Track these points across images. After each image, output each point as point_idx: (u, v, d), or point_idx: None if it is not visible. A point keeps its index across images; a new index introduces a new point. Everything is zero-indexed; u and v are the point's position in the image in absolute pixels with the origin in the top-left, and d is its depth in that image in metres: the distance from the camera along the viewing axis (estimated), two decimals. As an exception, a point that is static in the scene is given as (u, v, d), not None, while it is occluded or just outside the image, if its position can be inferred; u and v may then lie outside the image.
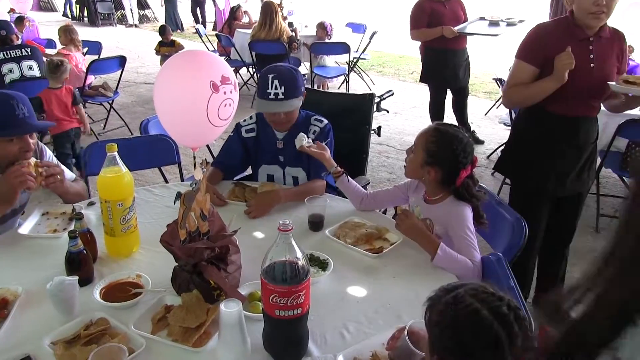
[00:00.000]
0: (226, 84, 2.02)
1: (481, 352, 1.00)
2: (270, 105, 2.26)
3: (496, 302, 1.02)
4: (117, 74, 5.83)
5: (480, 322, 0.99)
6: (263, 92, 2.26)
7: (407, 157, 2.01)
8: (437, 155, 1.89)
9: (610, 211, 4.06)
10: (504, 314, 1.01)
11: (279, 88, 2.23)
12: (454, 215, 1.91)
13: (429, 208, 2.01)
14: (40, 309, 1.54)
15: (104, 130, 5.92)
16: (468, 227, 1.87)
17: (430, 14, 4.81)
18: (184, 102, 2.02)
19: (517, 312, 1.02)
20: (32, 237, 1.94)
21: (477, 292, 1.04)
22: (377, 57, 9.80)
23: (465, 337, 1.00)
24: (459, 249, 1.83)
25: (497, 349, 0.98)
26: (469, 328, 1.00)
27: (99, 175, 1.76)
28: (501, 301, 1.03)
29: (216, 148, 2.82)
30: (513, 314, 1.01)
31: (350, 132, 2.82)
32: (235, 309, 1.28)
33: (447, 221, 1.93)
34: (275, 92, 2.23)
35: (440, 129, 1.93)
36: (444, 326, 1.04)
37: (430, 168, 1.91)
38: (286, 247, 1.27)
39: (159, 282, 1.64)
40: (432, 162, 1.90)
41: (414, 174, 2.01)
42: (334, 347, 1.40)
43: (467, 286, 1.07)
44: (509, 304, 1.03)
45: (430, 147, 1.90)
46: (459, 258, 1.78)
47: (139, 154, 2.72)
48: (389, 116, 6.28)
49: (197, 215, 1.53)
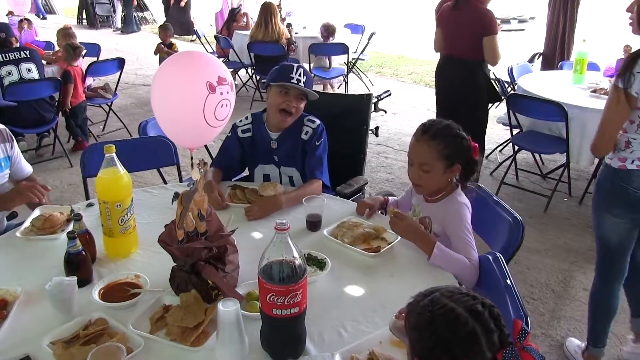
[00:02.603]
0: (223, 84, 2.03)
1: (460, 348, 1.02)
2: (292, 86, 2.32)
3: (470, 301, 1.06)
4: (116, 76, 5.83)
5: (456, 320, 1.03)
6: (285, 76, 2.32)
7: (415, 177, 1.97)
8: (454, 154, 1.91)
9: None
10: (479, 311, 1.04)
11: (302, 76, 2.33)
12: (453, 214, 1.92)
13: (429, 207, 2.02)
14: (39, 310, 1.55)
15: (102, 132, 5.93)
16: (466, 226, 1.89)
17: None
18: (181, 102, 2.03)
19: (491, 309, 1.06)
20: (30, 239, 1.94)
21: (453, 294, 1.08)
22: (375, 57, 9.82)
23: (443, 335, 1.03)
24: (456, 248, 1.84)
25: (475, 343, 1.02)
26: (446, 326, 1.04)
27: (97, 176, 1.77)
28: (475, 300, 1.07)
29: (214, 149, 2.83)
30: (487, 311, 1.05)
31: (348, 132, 2.83)
32: (233, 308, 1.28)
33: (445, 220, 1.94)
34: (298, 77, 2.32)
35: (443, 130, 1.92)
36: (422, 327, 1.07)
37: (453, 168, 1.93)
38: (283, 247, 1.28)
39: (158, 282, 1.65)
40: (451, 163, 1.92)
41: (439, 186, 1.98)
42: (332, 346, 1.41)
43: (442, 289, 1.11)
44: (483, 302, 1.07)
45: (445, 153, 1.90)
46: (455, 256, 1.79)
47: (138, 156, 2.73)
48: (387, 117, 6.30)
49: (194, 215, 1.54)
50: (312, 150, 2.41)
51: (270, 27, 6.44)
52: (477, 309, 1.05)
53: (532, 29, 3.70)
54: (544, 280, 3.23)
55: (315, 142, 2.41)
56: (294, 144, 2.44)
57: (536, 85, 4.36)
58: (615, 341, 2.71)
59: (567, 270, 3.27)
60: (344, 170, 2.72)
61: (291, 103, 2.34)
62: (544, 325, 2.84)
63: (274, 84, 2.35)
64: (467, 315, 1.03)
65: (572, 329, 2.81)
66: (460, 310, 1.04)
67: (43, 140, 5.30)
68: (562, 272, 3.29)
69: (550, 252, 3.49)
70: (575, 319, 2.88)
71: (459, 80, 4.12)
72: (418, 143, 1.95)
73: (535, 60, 6.03)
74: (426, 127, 1.96)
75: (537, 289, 3.15)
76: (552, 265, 3.38)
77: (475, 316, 1.04)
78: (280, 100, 2.34)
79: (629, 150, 2.17)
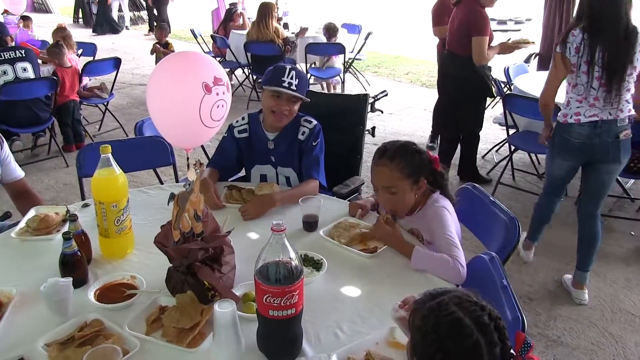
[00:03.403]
0: (219, 85, 2.03)
1: (461, 359, 1.02)
2: (283, 91, 2.30)
3: (478, 312, 1.05)
4: (112, 76, 5.82)
5: (462, 331, 1.03)
6: (277, 79, 2.29)
7: (386, 203, 2.00)
8: (417, 170, 1.94)
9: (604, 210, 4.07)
10: (486, 323, 1.04)
11: (294, 79, 2.30)
12: (432, 219, 1.94)
13: (411, 219, 2.04)
14: (34, 311, 1.54)
15: (99, 132, 5.91)
16: (446, 226, 1.89)
17: (450, 12, 4.83)
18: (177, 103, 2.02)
19: (497, 322, 1.06)
20: (26, 239, 1.93)
21: (461, 301, 1.07)
22: (372, 57, 9.81)
23: (447, 344, 1.03)
24: (440, 249, 1.84)
25: (477, 356, 1.01)
26: (451, 335, 1.03)
27: (93, 176, 1.76)
28: (483, 311, 1.06)
29: (211, 149, 2.82)
30: (494, 323, 1.05)
31: (345, 132, 2.83)
32: (229, 309, 1.28)
33: (428, 226, 1.96)
34: (290, 81, 2.29)
35: (399, 150, 1.95)
36: (425, 332, 1.06)
37: (419, 184, 1.96)
38: (279, 248, 1.28)
39: (154, 283, 1.64)
40: (416, 179, 1.94)
41: (412, 202, 2.00)
42: (328, 347, 1.41)
43: (451, 293, 1.10)
44: (490, 314, 1.06)
45: (407, 171, 1.92)
46: (436, 256, 1.78)
47: (134, 156, 2.72)
48: (384, 116, 6.30)
49: (190, 216, 1.53)
50: (309, 151, 2.41)
51: (267, 27, 6.43)
52: (484, 321, 1.04)
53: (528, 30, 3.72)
54: (540, 280, 3.24)
55: (312, 142, 2.41)
56: (290, 144, 2.44)
57: (532, 85, 4.36)
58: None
59: (564, 270, 3.28)
60: (340, 170, 2.72)
61: (283, 106, 2.33)
62: (540, 325, 2.84)
63: (265, 87, 2.35)
64: (473, 327, 1.02)
65: (568, 328, 2.81)
66: (467, 321, 1.03)
67: (39, 139, 5.28)
68: (558, 272, 3.29)
69: (547, 252, 3.50)
70: (572, 318, 2.89)
71: (452, 75, 4.46)
72: (378, 167, 1.97)
73: (531, 61, 6.03)
74: (383, 150, 1.98)
75: (534, 289, 3.16)
76: (549, 265, 3.39)
77: (481, 328, 1.03)
78: (272, 103, 2.34)
79: (569, 108, 2.83)
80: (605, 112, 2.73)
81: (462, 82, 4.32)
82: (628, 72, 2.67)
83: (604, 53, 2.64)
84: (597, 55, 2.64)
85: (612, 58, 2.64)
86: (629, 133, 2.79)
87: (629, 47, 2.65)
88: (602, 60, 2.64)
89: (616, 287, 3.18)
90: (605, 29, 2.64)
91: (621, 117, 2.74)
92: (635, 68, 2.69)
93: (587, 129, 2.76)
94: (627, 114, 2.76)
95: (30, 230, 1.97)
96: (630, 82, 2.71)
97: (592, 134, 2.77)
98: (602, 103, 2.71)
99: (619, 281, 3.23)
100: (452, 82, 4.49)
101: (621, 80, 2.66)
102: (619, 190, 4.13)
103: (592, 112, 2.74)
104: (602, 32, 2.64)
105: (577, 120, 2.77)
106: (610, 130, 2.75)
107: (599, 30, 2.64)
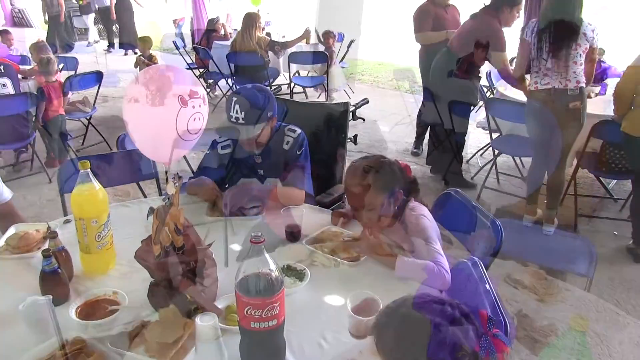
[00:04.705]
0: (195, 98, 2.03)
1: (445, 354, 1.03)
2: (231, 129, 2.25)
3: (439, 307, 1.08)
4: (95, 90, 5.78)
5: (437, 333, 1.04)
6: (228, 114, 2.25)
7: (367, 221, 1.97)
8: (390, 181, 1.93)
9: (588, 211, 4.12)
10: (450, 313, 1.07)
11: (239, 113, 2.21)
12: (411, 228, 1.95)
13: (391, 232, 2.02)
14: (14, 330, 1.51)
15: (82, 146, 5.86)
16: (426, 233, 1.90)
17: (434, 18, 4.87)
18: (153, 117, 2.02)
19: (460, 307, 1.09)
20: (5, 258, 1.91)
21: (421, 305, 1.09)
22: (355, 65, 9.86)
23: (432, 348, 1.03)
24: (420, 255, 1.84)
25: (458, 347, 1.03)
26: (431, 340, 1.04)
27: (72, 193, 1.75)
28: (443, 304, 1.09)
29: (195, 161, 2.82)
30: (457, 310, 1.08)
31: (327, 141, 2.84)
32: (210, 323, 1.27)
33: (409, 236, 1.96)
34: (236, 116, 2.21)
35: (371, 166, 1.94)
36: (405, 348, 1.07)
37: (396, 195, 1.95)
38: (259, 260, 1.27)
39: (136, 298, 1.62)
40: (391, 191, 1.93)
41: (389, 215, 1.98)
42: (312, 358, 1.41)
43: (407, 302, 1.12)
44: (451, 303, 1.09)
45: (380, 184, 1.91)
46: (419, 263, 1.78)
47: (117, 170, 2.71)
48: (368, 124, 6.31)
49: (171, 229, 1.52)
50: (294, 160, 2.40)
51: (250, 37, 6.45)
52: (448, 312, 1.07)
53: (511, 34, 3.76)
54: (526, 283, 3.26)
55: (297, 151, 2.40)
56: (277, 155, 2.42)
57: (514, 89, 4.41)
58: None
59: (549, 272, 3.30)
60: (323, 179, 2.72)
61: (243, 139, 2.29)
62: (527, 327, 2.85)
63: None
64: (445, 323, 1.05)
65: (554, 329, 2.83)
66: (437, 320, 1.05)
67: (21, 156, 5.23)
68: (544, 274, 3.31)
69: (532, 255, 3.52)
70: (558, 319, 2.91)
71: (445, 70, 4.54)
72: (351, 187, 1.96)
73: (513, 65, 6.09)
74: (352, 169, 1.97)
75: (520, 292, 3.17)
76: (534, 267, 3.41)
77: (451, 321, 1.05)
78: (236, 134, 2.30)
79: (531, 80, 3.62)
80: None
81: (453, 82, 4.35)
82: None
83: None
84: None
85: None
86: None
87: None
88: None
89: (600, 286, 3.21)
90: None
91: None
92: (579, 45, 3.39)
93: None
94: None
95: (10, 248, 1.94)
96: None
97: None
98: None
99: (603, 280, 3.26)
100: (440, 76, 4.50)
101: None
102: (603, 191, 4.18)
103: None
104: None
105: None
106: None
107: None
